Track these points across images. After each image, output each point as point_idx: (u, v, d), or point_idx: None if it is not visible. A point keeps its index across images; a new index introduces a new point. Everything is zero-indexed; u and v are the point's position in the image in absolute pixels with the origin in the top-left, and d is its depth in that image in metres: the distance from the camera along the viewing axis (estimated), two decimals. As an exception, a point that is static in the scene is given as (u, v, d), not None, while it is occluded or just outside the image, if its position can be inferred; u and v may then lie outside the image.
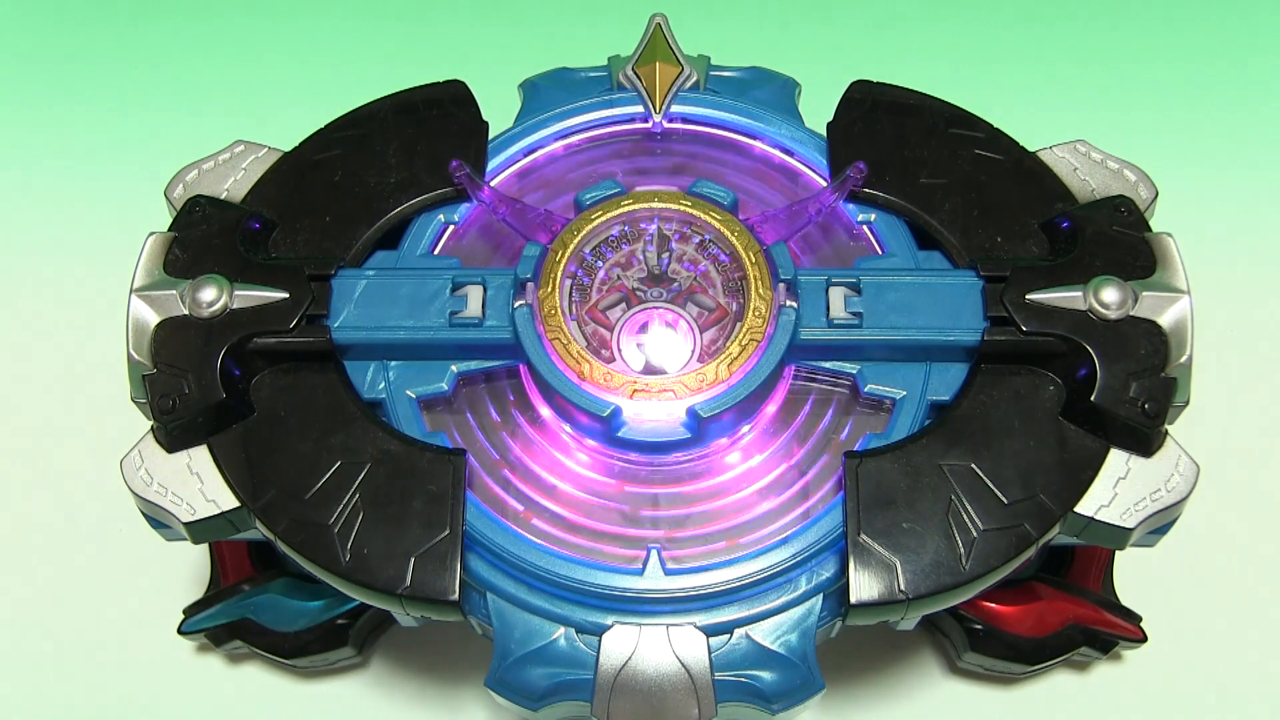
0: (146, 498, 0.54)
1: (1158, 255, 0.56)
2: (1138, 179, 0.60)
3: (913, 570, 0.51)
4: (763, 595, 0.53)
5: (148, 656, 0.71)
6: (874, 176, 0.59)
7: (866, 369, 0.56)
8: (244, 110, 0.92)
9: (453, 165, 0.59)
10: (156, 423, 0.54)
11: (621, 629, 0.52)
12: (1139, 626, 0.67)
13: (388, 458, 0.54)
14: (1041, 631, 0.66)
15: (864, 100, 0.62)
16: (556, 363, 0.55)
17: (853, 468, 0.53)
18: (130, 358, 0.55)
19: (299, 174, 0.60)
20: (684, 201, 0.59)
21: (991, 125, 0.61)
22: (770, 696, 0.52)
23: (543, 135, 0.63)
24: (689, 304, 0.58)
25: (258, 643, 0.67)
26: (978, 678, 0.70)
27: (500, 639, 0.53)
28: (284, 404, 0.55)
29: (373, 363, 0.56)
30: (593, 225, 0.58)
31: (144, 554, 0.72)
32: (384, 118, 0.62)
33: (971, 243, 0.58)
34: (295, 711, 0.70)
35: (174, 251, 0.57)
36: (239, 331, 0.55)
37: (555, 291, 0.56)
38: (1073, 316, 0.54)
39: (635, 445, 0.55)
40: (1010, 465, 0.53)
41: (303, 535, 0.52)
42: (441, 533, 0.52)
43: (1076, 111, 0.92)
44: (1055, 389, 0.55)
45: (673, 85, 0.63)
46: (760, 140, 0.63)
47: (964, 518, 0.52)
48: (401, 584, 0.51)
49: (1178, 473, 0.53)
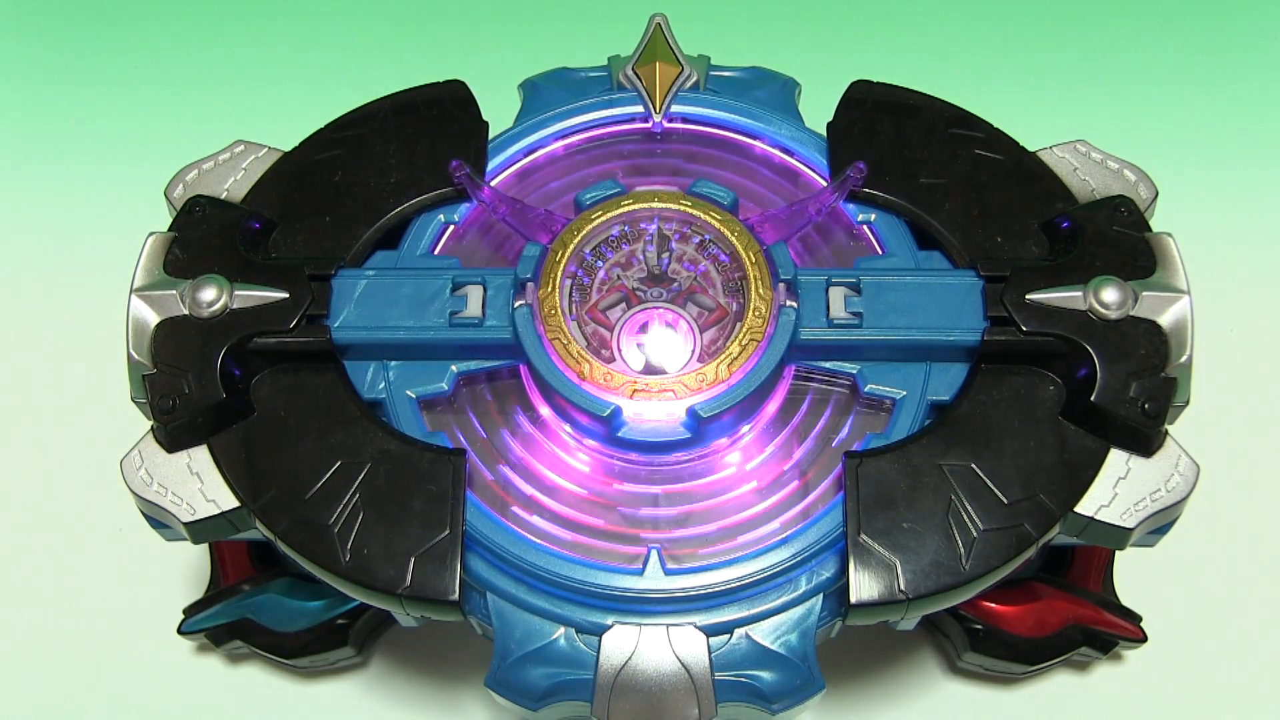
0: (146, 498, 0.54)
1: (1158, 255, 0.56)
2: (1138, 179, 0.60)
3: (913, 570, 0.51)
4: (763, 595, 0.53)
5: (148, 656, 0.71)
6: (874, 176, 0.59)
7: (866, 369, 0.56)
8: (244, 110, 0.92)
9: (453, 165, 0.59)
10: (156, 423, 0.54)
11: (621, 629, 0.52)
12: (1139, 626, 0.67)
13: (388, 458, 0.54)
14: (1041, 631, 0.66)
15: (864, 100, 0.62)
16: (556, 363, 0.55)
17: (853, 468, 0.53)
18: (130, 358, 0.55)
19: (299, 174, 0.60)
20: (684, 201, 0.59)
21: (991, 125, 0.61)
22: (770, 696, 0.52)
23: (543, 135, 0.63)
24: (689, 304, 0.58)
25: (258, 643, 0.67)
26: (978, 678, 0.70)
27: (500, 639, 0.53)
28: (284, 404, 0.55)
29: (373, 363, 0.56)
30: (593, 225, 0.58)
31: (144, 554, 0.72)
32: (384, 118, 0.62)
33: (971, 243, 0.58)
34: (295, 711, 0.70)
35: (174, 251, 0.57)
36: (239, 331, 0.55)
37: (555, 291, 0.56)
38: (1073, 316, 0.54)
39: (635, 445, 0.55)
40: (1010, 465, 0.53)
41: (303, 535, 0.52)
42: (441, 533, 0.52)
43: (1076, 111, 0.92)
44: (1055, 389, 0.55)
45: (673, 85, 0.63)
46: (760, 140, 0.63)
47: (964, 518, 0.52)
48: (401, 584, 0.51)
49: (1178, 473, 0.53)
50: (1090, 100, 0.93)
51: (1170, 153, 0.87)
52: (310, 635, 0.67)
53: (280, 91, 0.94)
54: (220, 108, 0.93)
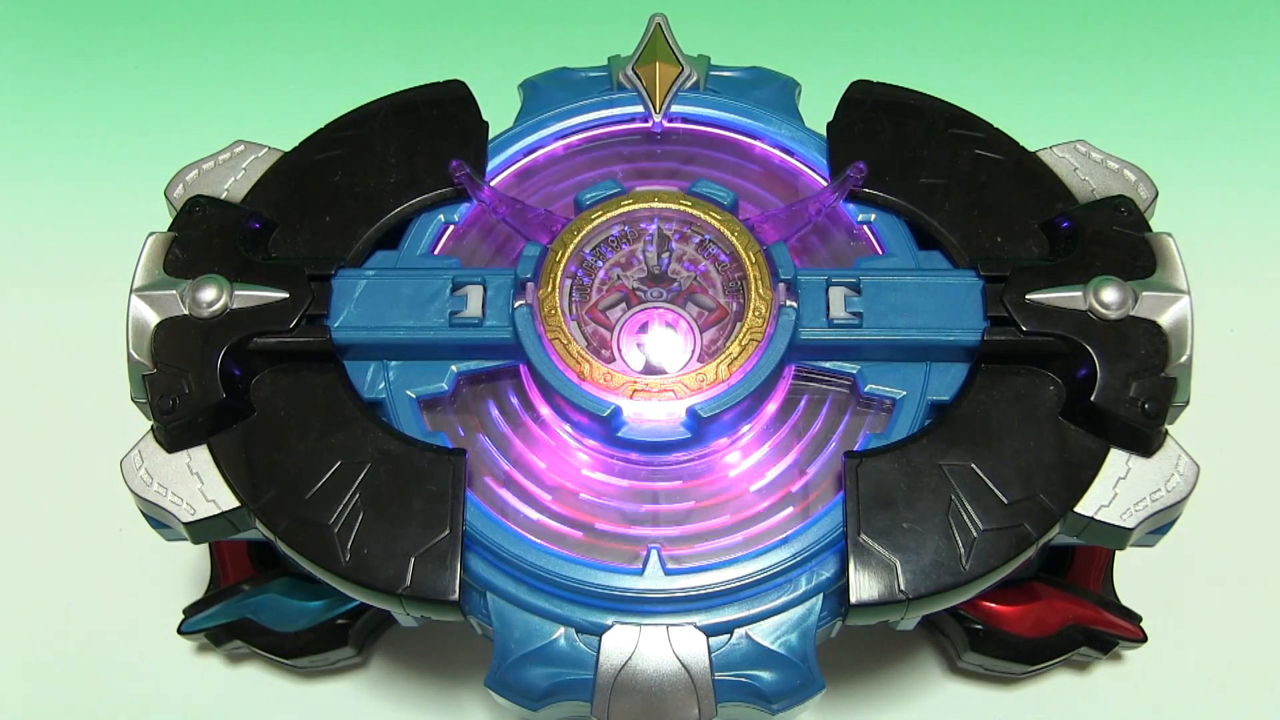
0: (146, 498, 0.54)
1: (1158, 255, 0.56)
2: (1138, 179, 0.60)
3: (913, 570, 0.51)
4: (763, 595, 0.53)
5: (148, 656, 0.71)
6: (874, 176, 0.59)
7: (866, 369, 0.56)
8: (244, 110, 0.92)
9: (453, 165, 0.59)
10: (156, 423, 0.54)
11: (621, 629, 0.52)
12: (1139, 626, 0.67)
13: (388, 458, 0.54)
14: (1041, 631, 0.66)
15: (864, 100, 0.62)
16: (556, 363, 0.55)
17: (853, 468, 0.53)
18: (130, 358, 0.55)
19: (299, 174, 0.60)
20: (684, 201, 0.59)
21: (991, 125, 0.61)
22: (770, 696, 0.52)
23: (543, 135, 0.63)
24: (689, 304, 0.58)
25: (258, 643, 0.67)
26: (978, 678, 0.70)
27: (500, 639, 0.53)
28: (284, 404, 0.55)
29: (373, 363, 0.56)
30: (593, 225, 0.58)
31: (144, 554, 0.73)
32: (384, 118, 0.62)
33: (971, 243, 0.58)
34: (295, 711, 0.70)
35: (174, 251, 0.57)
36: (239, 331, 0.55)
37: (555, 291, 0.56)
38: (1073, 316, 0.54)
39: (635, 445, 0.55)
40: (1010, 465, 0.53)
41: (303, 535, 0.52)
42: (441, 533, 0.52)
43: (1076, 111, 0.92)
44: (1055, 389, 0.55)
45: (673, 85, 0.63)
46: (760, 140, 0.63)
47: (964, 518, 0.52)
48: (401, 584, 0.51)
49: (1178, 473, 0.53)
50: (1090, 100, 0.93)
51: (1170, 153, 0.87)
52: (310, 635, 0.67)
53: (280, 91, 0.94)
54: (220, 108, 0.93)
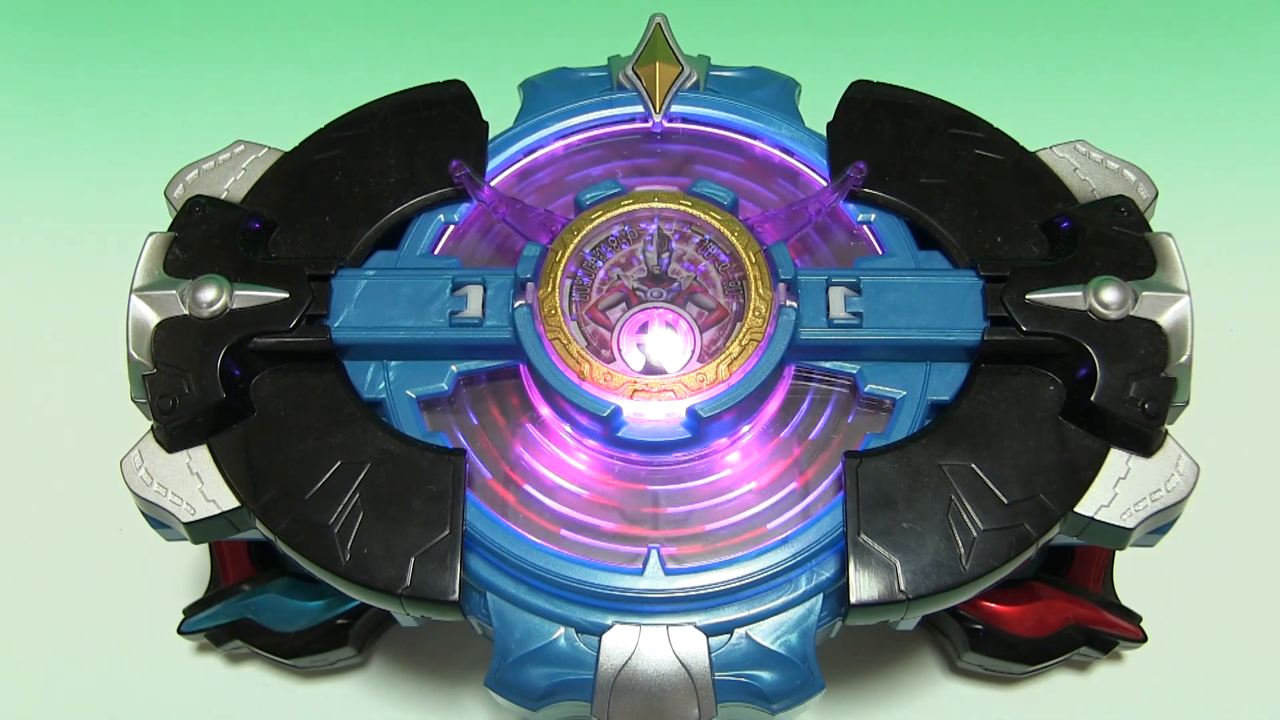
0: (146, 498, 0.54)
1: (1158, 255, 0.56)
2: (1138, 179, 0.60)
3: (913, 570, 0.51)
4: (763, 595, 0.53)
5: (148, 656, 0.71)
6: (874, 176, 0.59)
7: (866, 369, 0.56)
8: (244, 110, 0.92)
9: (453, 165, 0.59)
10: (156, 423, 0.54)
11: (621, 629, 0.52)
12: (1139, 626, 0.67)
13: (388, 458, 0.54)
14: (1041, 631, 0.66)
15: (864, 100, 0.62)
16: (556, 363, 0.55)
17: (853, 468, 0.53)
18: (130, 358, 0.55)
19: (299, 174, 0.60)
20: (684, 201, 0.59)
21: (991, 125, 0.61)
22: (770, 696, 0.52)
23: (543, 135, 0.63)
24: (689, 304, 0.58)
25: (258, 643, 0.67)
26: (978, 678, 0.70)
27: (500, 639, 0.53)
28: (284, 404, 0.55)
29: (373, 363, 0.56)
30: (593, 225, 0.58)
31: (144, 554, 0.72)
32: (384, 118, 0.62)
33: (971, 243, 0.58)
34: (295, 711, 0.70)
35: (174, 251, 0.57)
36: (239, 331, 0.55)
37: (555, 291, 0.56)
38: (1073, 316, 0.54)
39: (635, 445, 0.55)
40: (1010, 465, 0.53)
41: (303, 535, 0.52)
42: (441, 533, 0.52)
43: (1076, 111, 0.92)
44: (1055, 389, 0.55)
45: (673, 85, 0.63)
46: (760, 140, 0.63)
47: (964, 518, 0.52)
48: (401, 584, 0.51)
49: (1178, 473, 0.53)
50: (1090, 100, 0.93)
51: (1170, 153, 0.88)
52: (310, 635, 0.67)
53: (280, 92, 0.94)
54: (220, 108, 0.93)
